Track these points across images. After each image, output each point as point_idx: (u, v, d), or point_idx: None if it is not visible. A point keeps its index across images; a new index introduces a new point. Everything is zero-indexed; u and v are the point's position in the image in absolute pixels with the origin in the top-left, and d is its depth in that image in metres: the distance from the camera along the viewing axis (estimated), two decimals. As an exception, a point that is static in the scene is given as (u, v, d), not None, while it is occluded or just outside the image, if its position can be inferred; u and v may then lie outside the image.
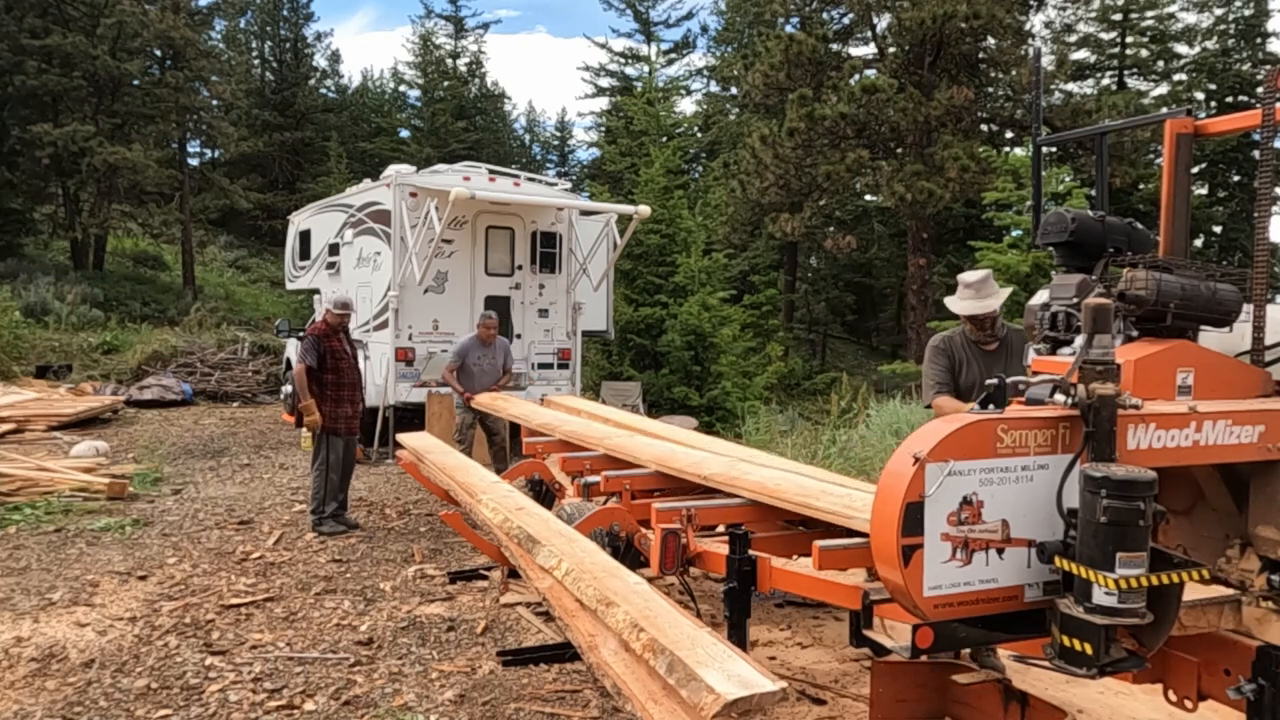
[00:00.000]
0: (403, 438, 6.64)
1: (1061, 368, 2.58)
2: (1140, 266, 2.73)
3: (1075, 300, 2.75)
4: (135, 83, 23.51)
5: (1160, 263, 2.78)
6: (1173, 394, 2.62)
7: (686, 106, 35.71)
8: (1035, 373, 2.71)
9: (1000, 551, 2.27)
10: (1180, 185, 3.17)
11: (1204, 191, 29.94)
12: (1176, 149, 3.19)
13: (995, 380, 2.43)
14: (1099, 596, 2.15)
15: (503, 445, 8.31)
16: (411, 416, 9.69)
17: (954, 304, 4.19)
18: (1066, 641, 2.24)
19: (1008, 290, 4.28)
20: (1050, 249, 3.05)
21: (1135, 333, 2.77)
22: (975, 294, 4.13)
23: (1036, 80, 3.66)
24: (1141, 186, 23.55)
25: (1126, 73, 29.84)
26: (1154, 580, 2.17)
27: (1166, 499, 2.66)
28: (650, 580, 3.45)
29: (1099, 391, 2.28)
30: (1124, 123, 6.57)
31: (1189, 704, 2.67)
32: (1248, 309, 2.92)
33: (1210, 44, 29.57)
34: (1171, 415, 2.49)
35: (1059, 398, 2.41)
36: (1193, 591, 2.57)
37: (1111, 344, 2.39)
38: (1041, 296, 2.95)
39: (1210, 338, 2.88)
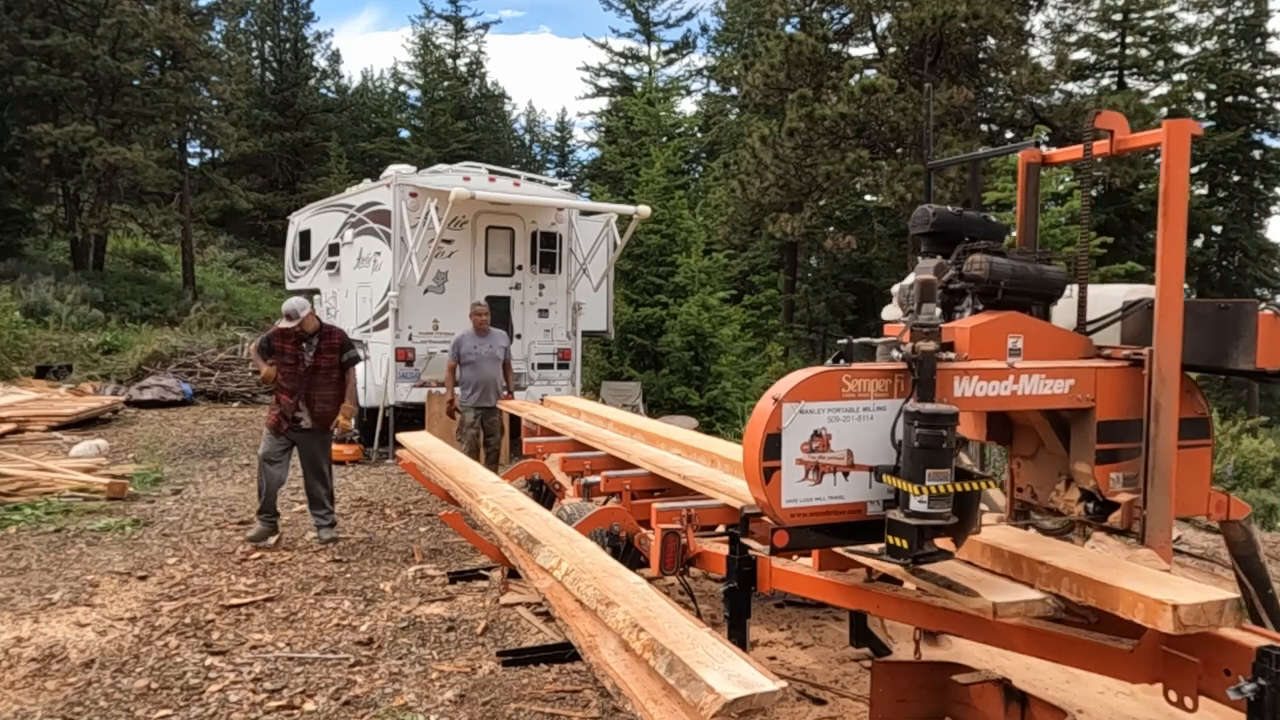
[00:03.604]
0: (403, 438, 6.64)
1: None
2: (979, 251, 3.24)
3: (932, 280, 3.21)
4: (135, 83, 23.50)
5: (997, 249, 3.29)
6: (1004, 355, 3.13)
7: (686, 106, 35.77)
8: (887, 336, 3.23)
9: (846, 475, 2.80)
10: (1030, 206, 3.72)
11: (1204, 191, 29.93)
12: (1027, 176, 3.72)
13: (845, 340, 2.95)
14: (914, 504, 2.68)
15: (496, 449, 8.25)
16: (411, 416, 9.68)
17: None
18: (892, 540, 2.76)
19: None
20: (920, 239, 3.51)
21: (981, 306, 3.27)
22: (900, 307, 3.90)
23: (927, 110, 3.93)
24: (1142, 186, 23.58)
25: (1126, 73, 29.85)
26: (953, 488, 2.69)
27: (1018, 447, 3.56)
28: (650, 580, 3.45)
29: (922, 348, 2.79)
30: (990, 151, 7.64)
31: (1189, 704, 2.68)
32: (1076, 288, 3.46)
33: (1210, 44, 29.58)
34: (993, 369, 2.99)
35: (895, 354, 2.92)
36: (1193, 593, 2.59)
37: (935, 311, 2.93)
38: (910, 279, 3.35)
39: (1060, 314, 3.49)
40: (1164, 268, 3.18)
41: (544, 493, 6.42)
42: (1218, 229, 30.10)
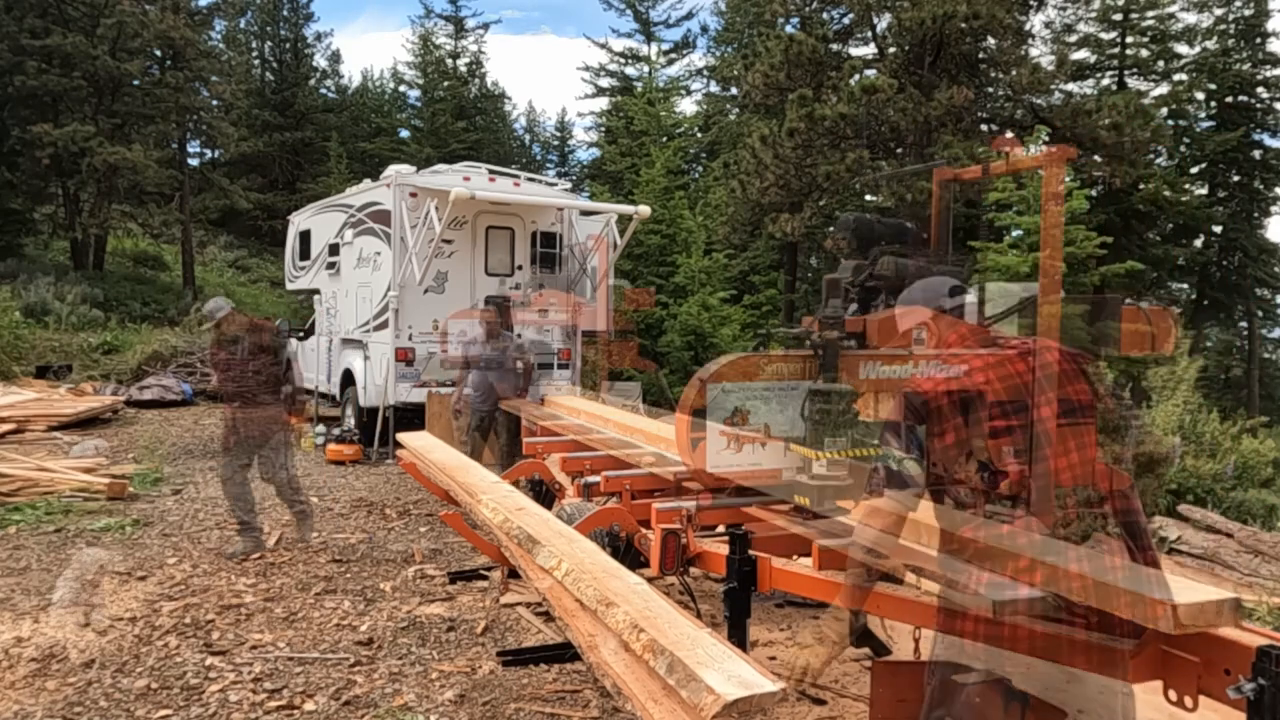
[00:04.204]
0: (403, 438, 6.62)
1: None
2: (890, 254, 3.61)
3: (851, 280, 3.71)
4: (135, 83, 23.49)
5: (903, 251, 3.66)
6: (910, 345, 3.42)
7: (686, 106, 35.70)
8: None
9: (764, 445, 3.27)
10: (944, 217, 4.12)
11: (1204, 191, 29.92)
12: (940, 191, 4.12)
13: (764, 332, 3.25)
14: (816, 468, 3.14)
15: (508, 447, 8.23)
16: (411, 416, 9.68)
17: None
18: (799, 500, 3.25)
19: None
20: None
21: (892, 302, 3.54)
22: None
23: (865, 126, 4.52)
24: (1142, 186, 23.57)
25: (1126, 73, 29.82)
26: (845, 454, 3.13)
27: (931, 426, 3.81)
28: (650, 580, 3.45)
29: (826, 337, 3.23)
30: (916, 168, 8.30)
31: (1189, 703, 2.68)
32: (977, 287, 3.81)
33: (1210, 44, 29.53)
34: (893, 355, 3.33)
35: (808, 342, 3.36)
36: (1192, 593, 2.59)
37: (841, 305, 3.40)
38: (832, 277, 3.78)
39: (970, 310, 3.84)
40: (1044, 267, 3.48)
41: (544, 493, 6.41)
42: (1218, 229, 30.05)
